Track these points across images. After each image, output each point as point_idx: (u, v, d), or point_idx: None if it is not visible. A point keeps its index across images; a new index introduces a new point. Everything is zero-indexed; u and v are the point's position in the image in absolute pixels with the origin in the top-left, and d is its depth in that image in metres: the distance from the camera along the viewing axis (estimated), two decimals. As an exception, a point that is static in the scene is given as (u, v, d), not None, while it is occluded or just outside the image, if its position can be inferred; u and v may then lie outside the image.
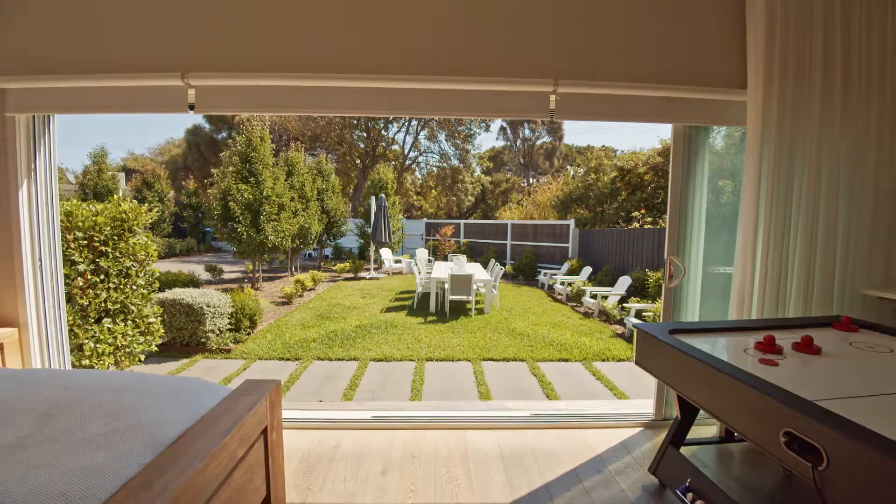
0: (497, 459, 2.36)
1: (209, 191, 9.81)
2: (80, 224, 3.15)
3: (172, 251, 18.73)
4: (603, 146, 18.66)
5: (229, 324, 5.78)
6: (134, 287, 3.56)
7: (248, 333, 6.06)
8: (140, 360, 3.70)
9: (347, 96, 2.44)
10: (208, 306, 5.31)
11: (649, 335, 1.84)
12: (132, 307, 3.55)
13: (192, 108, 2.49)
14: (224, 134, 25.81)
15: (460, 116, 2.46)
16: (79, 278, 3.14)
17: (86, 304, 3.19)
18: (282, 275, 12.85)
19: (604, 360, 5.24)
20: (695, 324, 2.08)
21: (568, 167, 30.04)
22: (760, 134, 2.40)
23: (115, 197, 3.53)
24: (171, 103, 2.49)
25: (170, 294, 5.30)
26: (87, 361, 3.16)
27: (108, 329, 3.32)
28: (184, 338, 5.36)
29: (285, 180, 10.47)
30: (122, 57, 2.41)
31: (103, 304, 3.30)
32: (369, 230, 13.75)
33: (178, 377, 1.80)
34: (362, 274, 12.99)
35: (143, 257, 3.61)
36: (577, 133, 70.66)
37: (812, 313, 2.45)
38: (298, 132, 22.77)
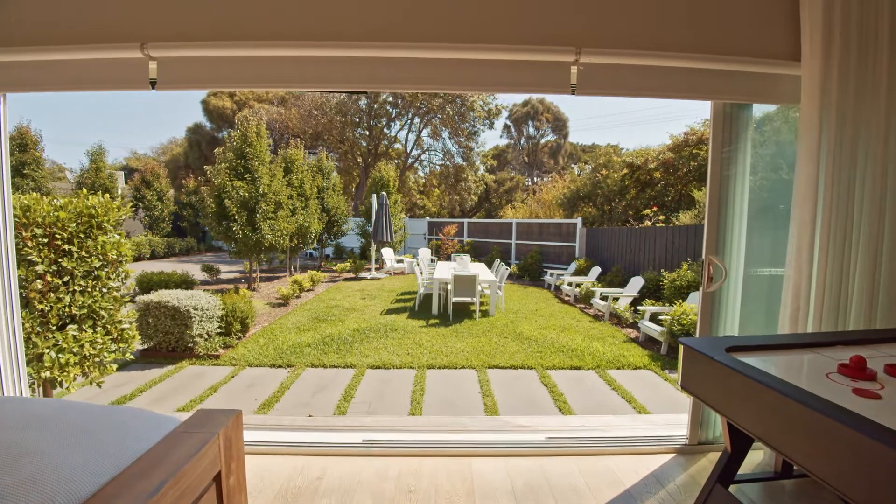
0: (508, 495, 2.00)
1: (202, 188, 9.51)
2: (40, 220, 2.81)
3: (171, 250, 18.49)
4: (608, 144, 18.21)
5: (219, 327, 5.45)
6: (104, 290, 3.23)
7: (239, 338, 5.72)
8: (113, 371, 3.37)
9: (338, 68, 2.09)
10: (195, 309, 4.98)
11: (701, 354, 1.48)
12: (102, 312, 3.21)
13: (153, 84, 2.15)
14: (225, 132, 25.59)
15: (465, 91, 2.11)
16: (37, 280, 2.81)
17: (46, 309, 2.86)
18: (281, 275, 12.55)
19: (618, 368, 4.87)
20: (754, 339, 1.71)
21: (573, 165, 29.61)
22: (819, 114, 2.03)
23: (84, 191, 3.20)
24: (130, 79, 2.15)
25: (154, 296, 4.98)
26: (47, 374, 2.83)
27: (74, 337, 2.99)
28: (170, 342, 5.03)
29: (283, 177, 10.15)
30: (71, 26, 2.07)
31: (67, 310, 2.96)
32: (370, 229, 13.41)
33: (114, 408, 1.45)
34: (363, 274, 12.66)
35: (115, 257, 3.28)
36: (582, 131, 70.11)
37: (877, 324, 2.07)
38: (299, 130, 22.48)
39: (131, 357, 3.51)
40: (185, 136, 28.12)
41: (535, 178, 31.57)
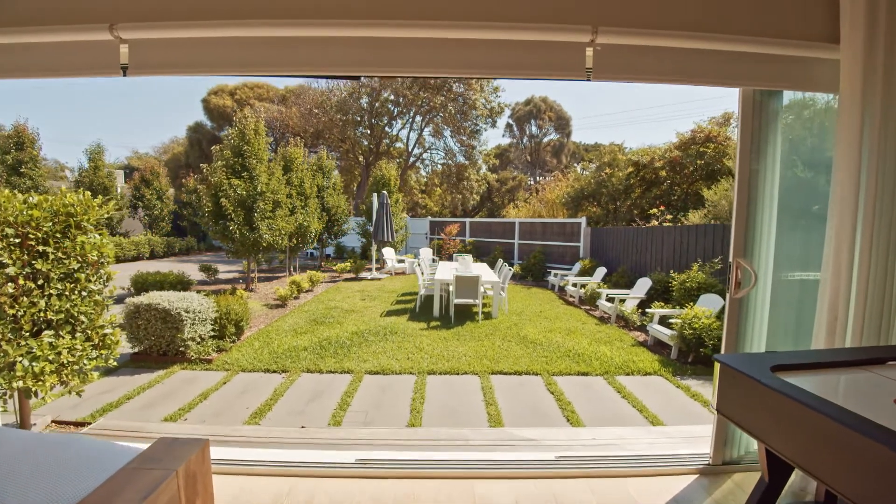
0: (516, 526, 1.80)
1: (198, 186, 9.33)
2: (11, 219, 2.63)
3: (171, 250, 18.36)
4: (612, 143, 17.91)
5: (212, 330, 5.26)
6: (84, 293, 3.04)
7: (234, 341, 5.54)
8: (94, 378, 3.18)
9: (330, 50, 1.89)
10: (187, 312, 4.79)
11: (744, 375, 1.27)
12: (82, 317, 3.02)
13: (125, 70, 1.95)
14: (226, 131, 25.47)
15: (466, 75, 1.91)
16: (8, 284, 2.62)
17: (18, 314, 2.67)
18: (280, 275, 12.37)
19: (628, 374, 4.65)
20: (800, 356, 1.50)
21: (575, 165, 29.36)
22: (861, 104, 1.82)
23: (63, 188, 3.01)
24: (99, 65, 1.96)
25: (144, 298, 4.79)
26: (20, 383, 2.65)
27: (50, 344, 2.80)
28: (160, 346, 4.85)
29: (282, 176, 9.96)
30: (30, 5, 1.88)
31: (42, 314, 2.77)
32: (371, 228, 13.22)
33: (57, 438, 1.25)
34: (364, 274, 12.47)
35: (96, 258, 3.09)
36: (584, 130, 69.78)
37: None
38: (300, 128, 22.31)
39: (114, 364, 3.32)
40: (185, 136, 28.00)
41: (538, 178, 31.33)
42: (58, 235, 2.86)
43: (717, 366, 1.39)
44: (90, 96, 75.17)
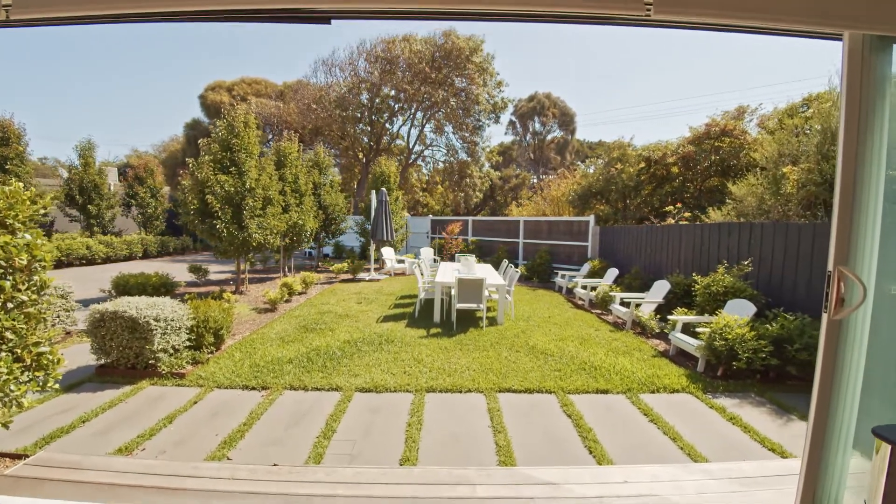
0: None
1: (183, 182, 8.82)
2: None
3: (165, 249, 17.88)
4: (620, 138, 17.24)
5: (188, 340, 4.75)
6: (10, 305, 2.52)
7: (212, 352, 5.02)
8: (28, 405, 2.67)
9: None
10: (157, 320, 4.27)
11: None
12: (8, 333, 2.51)
13: (7, 11, 1.43)
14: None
15: (483, 9, 1.37)
16: None
17: (-85, 334, 2.16)
18: (274, 275, 11.87)
19: (653, 392, 4.12)
20: None
21: (580, 163, 28.76)
22: None
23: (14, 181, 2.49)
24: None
25: (110, 305, 4.28)
26: (-83, 419, 2.14)
27: (-38, 368, 2.29)
28: (129, 358, 4.34)
29: (275, 171, 9.44)
30: None
31: (-50, 333, 2.27)
32: (369, 227, 12.69)
33: None
34: (362, 275, 11.96)
35: (26, 262, 2.57)
36: (588, 127, 69.11)
37: None
38: (298, 125, 21.79)
39: (55, 387, 2.80)
40: (183, 133, 27.53)
41: (542, 176, 30.77)
42: (-28, 235, 2.34)
43: (882, 447, 0.86)
44: (91, 94, 74.73)
